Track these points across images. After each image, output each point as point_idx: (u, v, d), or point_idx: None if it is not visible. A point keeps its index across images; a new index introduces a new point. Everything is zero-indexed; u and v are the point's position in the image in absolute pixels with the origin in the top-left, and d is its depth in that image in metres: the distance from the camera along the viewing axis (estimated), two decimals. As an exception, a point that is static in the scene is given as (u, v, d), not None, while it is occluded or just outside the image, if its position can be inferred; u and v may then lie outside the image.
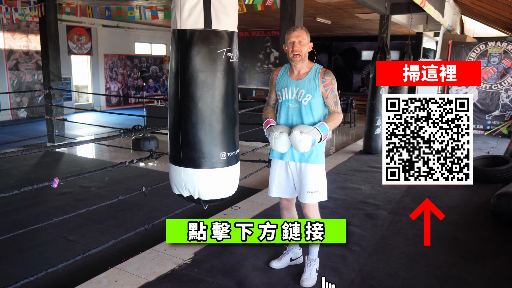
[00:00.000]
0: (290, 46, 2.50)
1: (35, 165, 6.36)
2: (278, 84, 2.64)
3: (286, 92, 2.58)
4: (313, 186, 2.58)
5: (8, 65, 10.85)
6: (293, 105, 2.57)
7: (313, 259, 2.76)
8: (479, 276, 2.92)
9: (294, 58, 2.49)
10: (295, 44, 2.48)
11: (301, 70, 2.57)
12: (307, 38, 2.50)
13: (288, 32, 2.52)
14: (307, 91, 2.52)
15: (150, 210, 4.36)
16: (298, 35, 2.47)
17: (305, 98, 2.52)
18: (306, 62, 2.56)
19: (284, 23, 4.88)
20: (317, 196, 2.60)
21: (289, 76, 2.60)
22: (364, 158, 6.62)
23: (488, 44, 9.31)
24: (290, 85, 2.57)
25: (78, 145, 7.54)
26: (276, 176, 2.70)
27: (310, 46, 2.54)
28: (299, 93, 2.54)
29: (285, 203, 2.79)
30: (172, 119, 2.08)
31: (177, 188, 2.15)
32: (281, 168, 2.68)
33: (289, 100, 2.57)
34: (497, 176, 5.14)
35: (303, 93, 2.53)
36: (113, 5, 8.27)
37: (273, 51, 15.12)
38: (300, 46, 2.48)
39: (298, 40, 2.47)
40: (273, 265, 2.92)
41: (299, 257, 2.96)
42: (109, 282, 2.73)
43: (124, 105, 14.35)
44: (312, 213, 2.64)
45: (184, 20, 1.92)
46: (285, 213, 2.81)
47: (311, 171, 2.57)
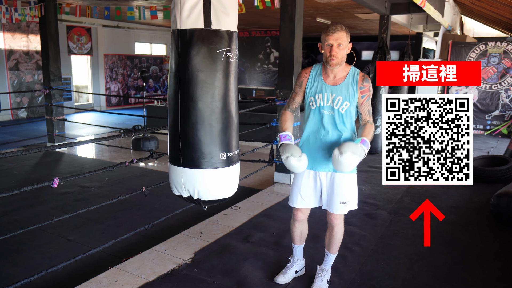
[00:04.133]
0: (328, 49, 2.28)
1: (35, 165, 6.36)
2: (310, 88, 2.41)
3: (321, 98, 2.36)
4: (345, 196, 2.44)
5: (8, 65, 10.85)
6: (328, 113, 2.37)
7: (326, 269, 2.68)
8: (479, 276, 2.92)
9: (331, 62, 2.29)
10: (333, 48, 2.27)
11: (338, 74, 2.36)
12: (346, 40, 2.30)
13: (326, 32, 2.28)
14: (345, 98, 2.33)
15: (150, 210, 4.36)
16: (337, 37, 2.25)
17: (343, 106, 2.33)
18: (343, 65, 2.36)
19: (284, 23, 4.88)
20: (348, 207, 2.47)
21: (323, 80, 2.38)
22: (364, 158, 6.58)
23: (488, 44, 9.31)
24: (325, 90, 2.36)
25: (78, 145, 7.54)
26: (303, 186, 2.50)
27: (349, 47, 2.35)
28: (335, 100, 2.34)
29: (299, 215, 2.60)
30: (172, 119, 2.08)
31: (177, 189, 2.14)
32: (308, 178, 2.50)
33: (324, 107, 2.37)
34: (497, 176, 5.14)
35: (340, 100, 2.33)
36: (113, 5, 8.26)
37: (273, 51, 15.11)
38: (339, 50, 2.27)
39: (337, 43, 2.26)
40: (279, 280, 2.75)
41: (303, 269, 2.86)
42: (109, 282, 2.73)
43: (124, 105, 14.35)
44: (337, 221, 2.51)
45: (184, 19, 1.92)
46: (297, 224, 2.64)
47: (345, 181, 2.43)
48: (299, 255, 2.78)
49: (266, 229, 3.64)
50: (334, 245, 2.59)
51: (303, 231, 2.68)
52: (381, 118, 6.84)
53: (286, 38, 4.88)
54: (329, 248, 2.61)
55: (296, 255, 2.78)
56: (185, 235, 3.50)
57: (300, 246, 2.75)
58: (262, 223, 3.78)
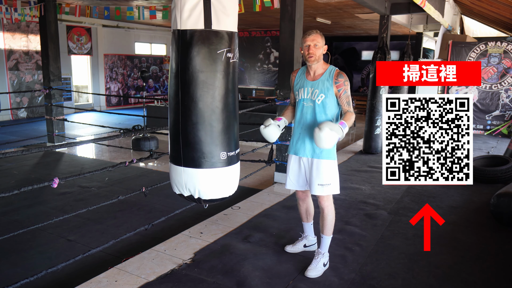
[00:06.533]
0: (306, 49, 2.70)
1: (35, 165, 6.36)
2: (296, 84, 2.86)
3: (302, 92, 2.79)
4: (324, 179, 2.73)
5: (8, 65, 10.85)
6: (307, 104, 2.77)
7: (322, 252, 2.88)
8: (479, 276, 2.92)
9: (309, 59, 2.70)
10: (310, 47, 2.68)
11: (317, 71, 2.77)
12: (321, 41, 2.70)
13: (304, 36, 2.72)
14: (320, 91, 2.72)
15: (150, 210, 4.36)
16: (313, 39, 2.68)
17: (319, 97, 2.72)
18: (321, 63, 2.75)
19: (284, 23, 4.88)
20: (328, 189, 2.75)
21: (305, 78, 2.81)
22: (364, 158, 6.62)
23: (488, 44, 9.31)
24: (306, 85, 2.78)
25: (78, 145, 7.53)
26: (291, 170, 2.90)
27: (324, 48, 2.74)
28: (313, 93, 2.74)
29: (300, 194, 3.01)
30: (173, 119, 2.08)
31: (178, 188, 2.15)
32: (294, 163, 2.88)
33: (305, 99, 2.78)
34: (497, 176, 5.14)
35: (317, 93, 2.72)
36: (113, 5, 8.26)
37: (273, 51, 15.11)
38: (315, 49, 2.68)
39: (313, 44, 2.68)
40: (288, 249, 3.16)
41: (313, 245, 3.16)
42: (109, 282, 2.73)
43: (124, 105, 14.35)
44: (325, 204, 2.80)
45: (184, 20, 1.92)
46: (301, 203, 3.04)
47: (323, 166, 2.74)
48: (308, 231, 3.14)
49: (266, 229, 3.64)
50: (326, 226, 2.84)
51: (308, 209, 3.04)
52: (381, 118, 6.84)
53: (286, 38, 4.88)
54: (323, 230, 2.86)
55: (305, 231, 3.14)
56: (185, 235, 3.50)
57: (308, 224, 3.11)
58: (262, 223, 3.78)
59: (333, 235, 2.94)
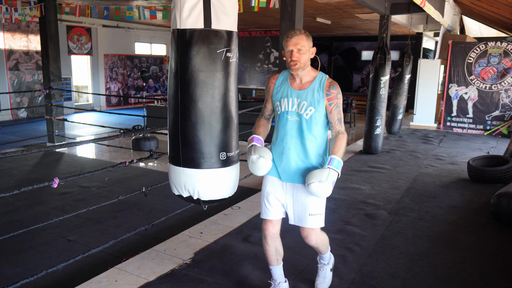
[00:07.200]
0: (288, 54, 2.18)
1: (35, 165, 6.36)
2: (276, 94, 2.30)
3: (285, 103, 2.25)
4: (314, 208, 2.26)
5: (8, 65, 10.85)
6: (292, 118, 2.24)
7: (325, 263, 2.65)
8: (479, 276, 2.92)
9: (293, 67, 2.18)
10: (293, 53, 2.15)
11: (303, 78, 2.24)
12: (307, 44, 2.16)
13: (285, 39, 2.19)
14: (309, 104, 2.20)
15: (150, 210, 4.36)
16: (296, 42, 2.14)
17: (307, 111, 2.21)
18: (308, 69, 2.24)
19: (284, 23, 4.88)
20: (318, 220, 2.29)
21: (289, 85, 2.27)
22: (364, 158, 6.62)
23: (488, 44, 9.31)
24: (290, 95, 2.24)
25: (78, 145, 7.53)
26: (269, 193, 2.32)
27: (312, 51, 2.22)
28: (300, 105, 2.22)
29: (270, 229, 2.35)
30: (172, 119, 2.08)
31: (177, 189, 2.14)
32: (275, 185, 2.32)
33: (289, 113, 2.25)
34: (497, 176, 5.14)
35: (305, 106, 2.21)
36: (113, 5, 8.26)
37: (273, 51, 15.12)
38: (300, 54, 2.15)
39: (296, 49, 2.15)
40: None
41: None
42: (109, 282, 2.73)
43: (124, 105, 14.35)
44: (314, 240, 2.34)
45: (184, 20, 1.92)
46: (270, 242, 2.36)
47: None
48: (279, 277, 2.47)
49: (266, 229, 3.63)
50: (321, 250, 2.51)
51: (277, 248, 2.40)
52: (381, 118, 6.84)
53: (286, 38, 4.88)
54: (319, 251, 2.55)
55: (276, 277, 2.47)
56: (185, 235, 3.50)
57: (278, 267, 2.46)
58: (262, 223, 3.78)
59: (333, 235, 2.92)
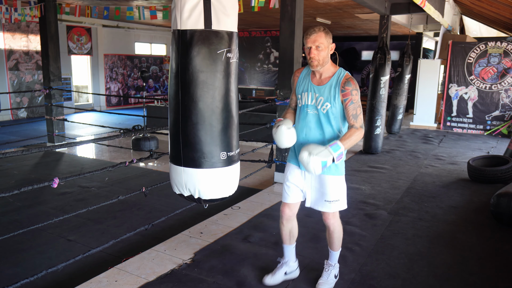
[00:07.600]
0: (307, 51, 2.32)
1: (35, 165, 6.36)
2: (298, 87, 2.48)
3: (306, 97, 2.42)
4: (331, 195, 2.44)
5: (8, 65, 10.85)
6: (312, 112, 2.40)
7: (332, 264, 2.68)
8: (479, 276, 2.92)
9: (312, 64, 2.33)
10: (311, 50, 2.29)
11: (323, 74, 2.38)
12: (326, 41, 2.29)
13: (305, 36, 2.32)
14: (326, 99, 2.35)
15: (150, 210, 4.36)
16: (314, 39, 2.27)
17: (324, 106, 2.35)
18: (328, 65, 2.37)
19: (284, 23, 4.88)
20: (335, 205, 2.46)
21: (310, 80, 2.42)
22: (364, 158, 6.62)
23: (488, 44, 9.32)
24: (311, 89, 2.40)
25: (78, 145, 7.52)
26: (290, 180, 2.54)
27: (331, 48, 2.35)
28: (318, 100, 2.37)
29: (286, 212, 2.59)
30: (173, 119, 2.09)
31: (178, 188, 2.16)
32: (295, 173, 2.53)
33: (308, 106, 2.41)
34: (497, 176, 5.14)
35: (322, 101, 2.36)
36: (113, 5, 8.26)
37: (273, 51, 15.11)
38: (318, 51, 2.29)
39: (315, 46, 2.28)
40: (267, 281, 2.68)
41: (295, 271, 2.77)
42: (109, 282, 2.73)
43: (124, 105, 14.35)
44: (331, 221, 2.51)
45: (184, 20, 1.92)
46: (285, 222, 2.61)
47: (330, 182, 2.43)
48: (289, 256, 2.71)
49: (266, 229, 3.63)
50: (334, 243, 2.60)
51: (292, 230, 2.63)
52: (381, 118, 6.84)
53: (286, 38, 4.88)
54: (331, 246, 2.63)
55: (286, 255, 2.71)
56: (185, 235, 3.50)
57: (290, 247, 2.69)
58: (262, 223, 3.78)
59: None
